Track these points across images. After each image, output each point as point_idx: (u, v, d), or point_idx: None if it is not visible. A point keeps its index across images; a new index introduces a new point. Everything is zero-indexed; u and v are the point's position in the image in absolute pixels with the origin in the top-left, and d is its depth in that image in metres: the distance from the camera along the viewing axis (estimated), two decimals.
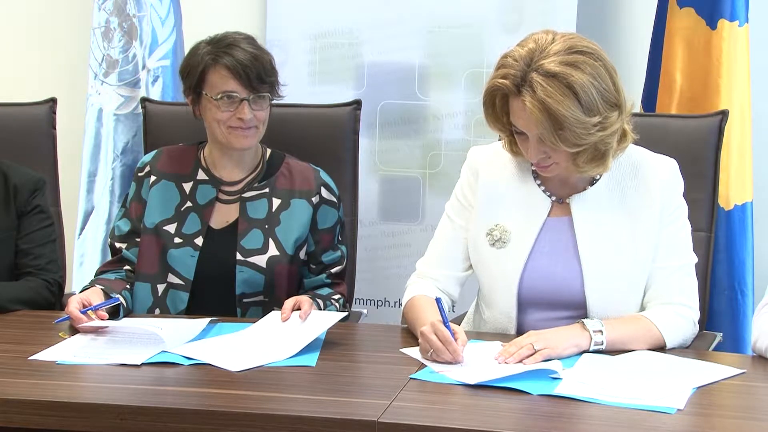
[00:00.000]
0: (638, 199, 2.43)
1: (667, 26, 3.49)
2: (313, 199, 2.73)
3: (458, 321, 2.68)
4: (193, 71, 2.66)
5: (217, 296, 2.65)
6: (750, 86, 3.43)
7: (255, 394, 2.06)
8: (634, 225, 2.43)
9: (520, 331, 2.44)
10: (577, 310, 2.42)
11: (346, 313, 2.56)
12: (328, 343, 2.35)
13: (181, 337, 2.32)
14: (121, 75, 3.80)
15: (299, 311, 2.42)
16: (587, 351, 2.28)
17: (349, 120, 3.02)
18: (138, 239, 2.71)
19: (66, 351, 2.28)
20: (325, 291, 2.72)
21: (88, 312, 2.40)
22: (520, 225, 2.46)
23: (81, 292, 2.58)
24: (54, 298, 2.74)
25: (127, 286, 2.66)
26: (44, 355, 2.24)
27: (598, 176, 2.45)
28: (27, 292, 2.68)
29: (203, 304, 2.64)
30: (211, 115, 2.65)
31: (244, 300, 2.65)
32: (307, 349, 2.29)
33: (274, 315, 2.45)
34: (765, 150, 3.57)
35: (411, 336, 2.44)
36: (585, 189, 2.46)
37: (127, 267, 2.71)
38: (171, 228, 2.69)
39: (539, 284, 2.43)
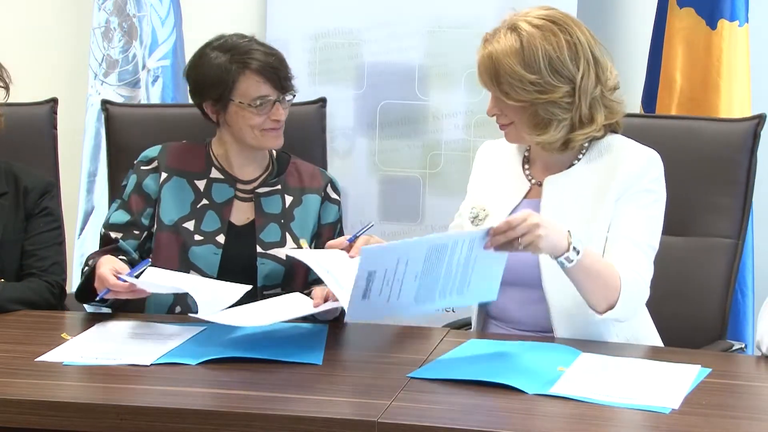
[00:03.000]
0: (603, 184, 2.44)
1: (667, 26, 3.49)
2: (322, 193, 2.77)
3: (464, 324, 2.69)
4: (221, 82, 2.65)
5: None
6: (750, 86, 3.43)
7: (255, 394, 2.06)
8: (598, 206, 2.43)
9: (484, 311, 2.52)
10: (534, 289, 2.44)
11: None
12: (328, 343, 2.35)
13: (217, 304, 2.34)
14: (121, 75, 3.80)
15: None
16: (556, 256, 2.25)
17: (316, 118, 3.05)
18: (137, 232, 2.70)
19: (73, 352, 2.27)
20: None
21: (124, 279, 2.39)
22: (498, 205, 2.52)
23: (84, 273, 2.57)
24: (55, 299, 2.74)
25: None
26: (51, 356, 2.24)
27: (576, 161, 2.48)
28: (28, 292, 2.68)
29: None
30: (244, 121, 2.66)
31: (265, 292, 2.67)
32: (312, 347, 2.30)
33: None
34: (765, 150, 3.57)
35: (411, 335, 2.45)
36: (561, 172, 2.49)
37: (122, 257, 2.67)
38: (190, 225, 2.69)
39: None
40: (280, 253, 2.67)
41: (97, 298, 2.48)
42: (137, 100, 3.78)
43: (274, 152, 2.80)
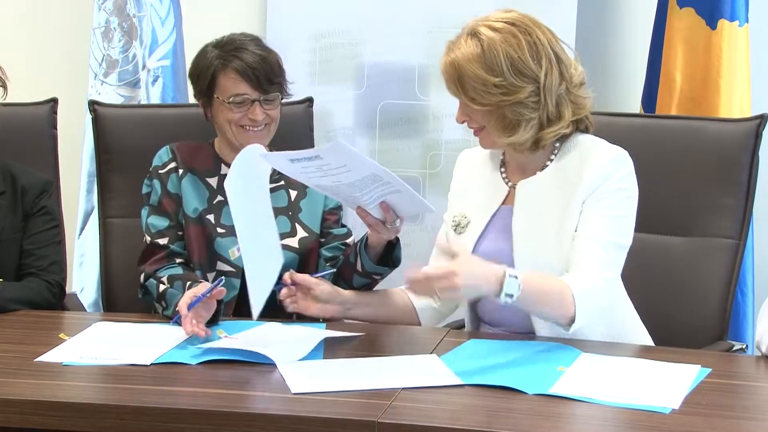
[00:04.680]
0: (572, 184, 2.44)
1: (667, 26, 3.49)
2: None
3: (461, 325, 2.69)
4: (203, 75, 2.70)
5: None
6: (750, 86, 3.43)
7: (255, 395, 2.06)
8: (566, 208, 2.43)
9: (473, 317, 2.54)
10: None
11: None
12: (329, 343, 2.34)
13: (293, 354, 2.26)
14: (121, 75, 3.80)
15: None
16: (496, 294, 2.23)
17: (303, 117, 3.06)
18: (180, 233, 2.70)
19: (72, 352, 2.27)
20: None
21: (196, 305, 2.35)
22: (478, 211, 2.54)
23: (159, 298, 2.58)
24: (55, 299, 2.74)
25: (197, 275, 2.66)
26: (50, 357, 2.24)
27: (548, 162, 2.48)
28: (28, 292, 2.68)
29: (245, 287, 2.62)
30: (222, 116, 2.69)
31: (280, 281, 2.67)
32: (312, 348, 2.30)
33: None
34: (765, 150, 3.57)
35: (411, 335, 2.45)
36: (533, 175, 2.50)
37: (179, 260, 2.68)
38: (211, 218, 2.70)
39: None
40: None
41: (171, 322, 2.45)
42: (137, 100, 3.78)
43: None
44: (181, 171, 2.74)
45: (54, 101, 3.14)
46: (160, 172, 2.75)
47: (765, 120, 2.75)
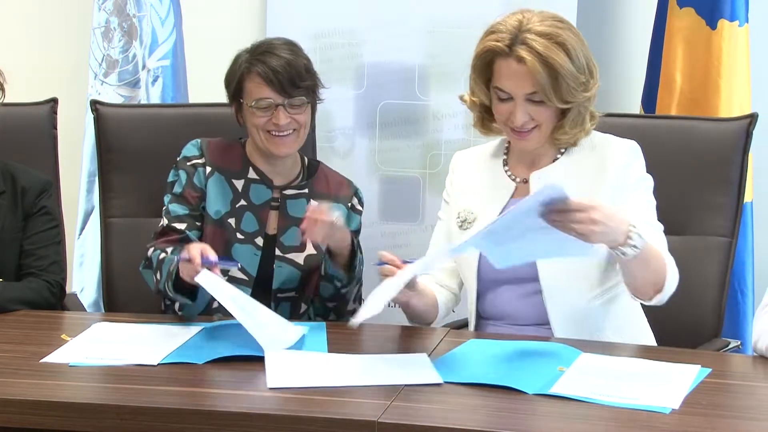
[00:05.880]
0: (592, 176, 2.48)
1: (667, 26, 3.49)
2: (348, 204, 2.77)
3: (464, 324, 2.70)
4: (232, 80, 2.70)
5: (260, 289, 2.65)
6: (750, 86, 3.43)
7: (255, 395, 2.06)
8: (591, 194, 2.43)
9: (481, 311, 2.53)
10: (531, 283, 2.47)
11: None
12: (328, 343, 2.35)
13: (280, 342, 2.29)
14: (121, 75, 3.80)
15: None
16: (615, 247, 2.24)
17: None
18: (198, 223, 2.69)
19: (77, 353, 2.26)
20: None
21: (206, 266, 2.35)
22: (485, 207, 2.54)
23: (160, 258, 2.55)
24: (55, 299, 2.75)
25: None
26: (54, 357, 2.23)
27: (559, 155, 2.51)
28: (28, 292, 2.69)
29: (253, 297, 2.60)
30: (250, 121, 2.68)
31: (278, 295, 2.67)
32: (313, 347, 2.31)
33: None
34: (765, 150, 3.57)
35: (411, 335, 2.45)
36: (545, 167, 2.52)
37: None
38: (232, 222, 2.69)
39: None
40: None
41: (176, 258, 2.42)
42: (137, 100, 3.78)
43: (306, 160, 2.81)
44: (208, 169, 2.72)
45: (54, 101, 3.14)
46: (188, 164, 2.73)
47: (755, 119, 2.78)
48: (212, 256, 2.36)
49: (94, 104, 3.09)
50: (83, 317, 2.74)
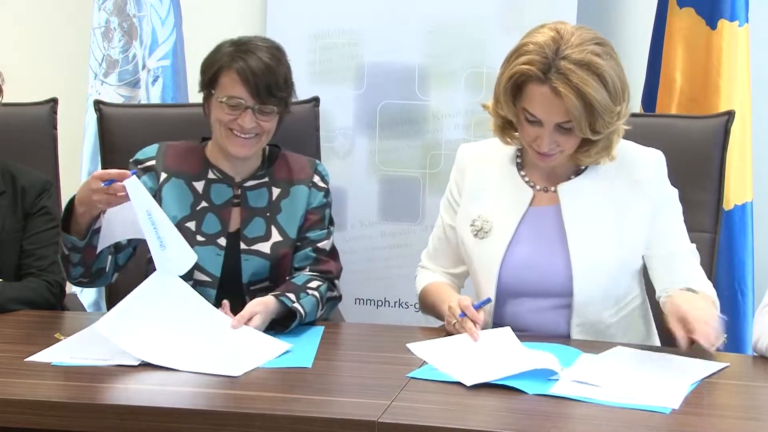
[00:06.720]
0: (625, 190, 2.46)
1: (667, 26, 3.49)
2: (309, 183, 2.73)
3: None
4: (209, 69, 2.66)
5: (227, 287, 2.64)
6: (750, 86, 3.43)
7: (255, 394, 2.06)
8: (622, 214, 2.45)
9: (498, 321, 2.48)
10: (561, 297, 2.45)
11: (289, 347, 2.36)
12: (328, 343, 2.35)
13: (177, 265, 2.37)
14: (121, 75, 3.80)
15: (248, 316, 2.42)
16: None
17: (309, 117, 3.06)
18: None
19: (62, 352, 2.26)
20: (302, 279, 2.65)
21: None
22: (502, 215, 2.50)
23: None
24: (55, 299, 2.75)
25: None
26: (40, 357, 2.23)
27: (584, 166, 2.48)
28: (28, 292, 2.69)
29: (219, 298, 2.61)
30: (215, 114, 2.64)
31: (251, 288, 2.65)
32: (302, 350, 2.29)
33: (220, 317, 2.43)
34: (765, 150, 3.57)
35: (411, 335, 2.45)
36: (570, 178, 2.48)
37: None
38: (191, 225, 2.67)
39: (522, 273, 2.46)
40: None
41: (103, 184, 2.36)
42: (137, 100, 3.79)
43: (267, 149, 2.77)
44: (164, 175, 2.70)
45: (54, 101, 3.14)
46: (138, 166, 2.71)
47: (732, 116, 2.81)
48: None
49: (98, 104, 3.09)
50: (83, 317, 2.74)
